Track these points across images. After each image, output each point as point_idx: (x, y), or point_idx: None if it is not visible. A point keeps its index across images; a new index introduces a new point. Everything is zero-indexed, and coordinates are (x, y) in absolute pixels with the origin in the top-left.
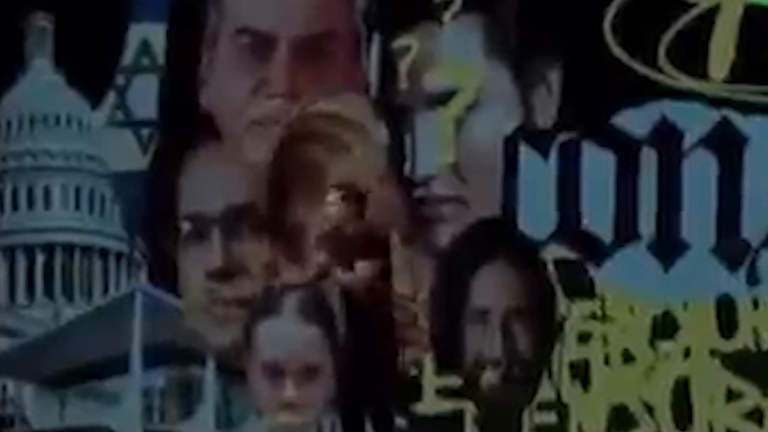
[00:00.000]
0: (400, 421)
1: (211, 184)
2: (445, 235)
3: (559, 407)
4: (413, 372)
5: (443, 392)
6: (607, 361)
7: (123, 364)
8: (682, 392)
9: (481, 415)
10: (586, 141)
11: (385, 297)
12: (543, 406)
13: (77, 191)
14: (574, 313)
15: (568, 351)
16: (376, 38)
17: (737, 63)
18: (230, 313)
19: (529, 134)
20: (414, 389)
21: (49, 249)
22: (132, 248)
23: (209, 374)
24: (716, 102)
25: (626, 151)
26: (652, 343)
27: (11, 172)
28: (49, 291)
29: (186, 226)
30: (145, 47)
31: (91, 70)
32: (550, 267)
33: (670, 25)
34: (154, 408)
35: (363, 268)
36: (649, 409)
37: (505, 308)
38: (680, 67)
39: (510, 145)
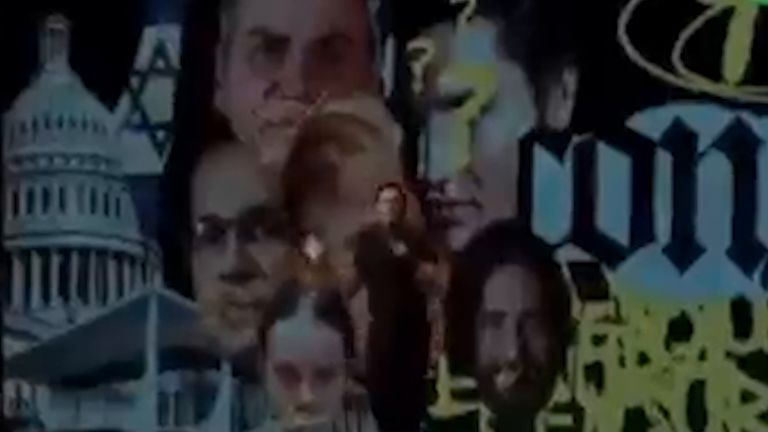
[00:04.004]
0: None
1: (226, 186)
2: (459, 238)
3: (574, 410)
4: (429, 374)
5: (458, 394)
6: (622, 364)
7: (138, 366)
8: (697, 394)
9: (495, 418)
10: (601, 143)
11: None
12: (558, 409)
13: (92, 194)
14: (588, 315)
15: (582, 353)
16: (391, 40)
17: (751, 65)
18: (245, 316)
19: (544, 136)
20: (429, 391)
21: (64, 252)
22: (147, 251)
23: (224, 377)
24: (730, 104)
25: (641, 153)
26: (667, 346)
27: (26, 175)
28: (64, 294)
29: (201, 228)
30: (160, 50)
31: (107, 73)
32: (565, 269)
33: (684, 28)
34: (169, 411)
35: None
36: (665, 412)
37: (519, 311)
38: (694, 69)
39: (525, 147)
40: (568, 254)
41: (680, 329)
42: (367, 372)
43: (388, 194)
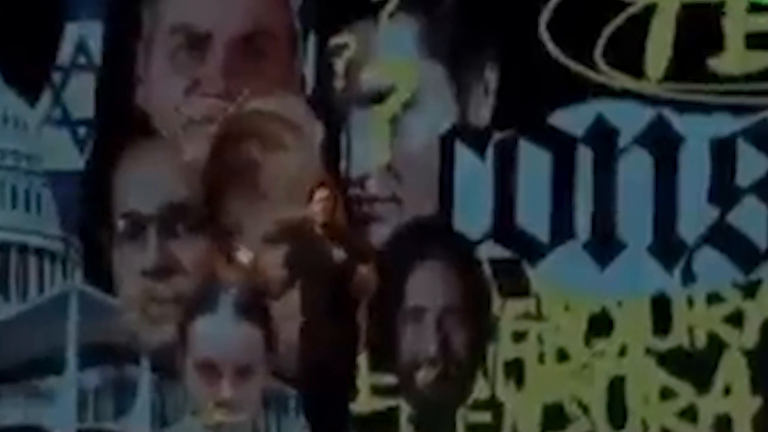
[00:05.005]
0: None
1: (147, 183)
2: (379, 235)
3: (494, 406)
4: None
5: (378, 390)
6: (541, 360)
7: (58, 363)
8: (616, 391)
9: (415, 414)
10: (522, 139)
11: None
12: (478, 405)
13: (13, 190)
14: (509, 312)
15: (502, 350)
16: (312, 37)
17: (673, 62)
18: (166, 312)
19: (465, 133)
20: (350, 387)
21: None
22: (68, 247)
23: (144, 373)
24: (652, 101)
25: (562, 149)
26: (587, 342)
27: None
28: None
29: (121, 224)
30: (82, 46)
31: (28, 69)
32: (486, 266)
33: (606, 25)
34: (89, 407)
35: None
36: (584, 408)
37: (440, 307)
38: (616, 66)
39: (446, 143)
40: (488, 251)
41: (600, 325)
42: (298, 373)
43: (321, 194)
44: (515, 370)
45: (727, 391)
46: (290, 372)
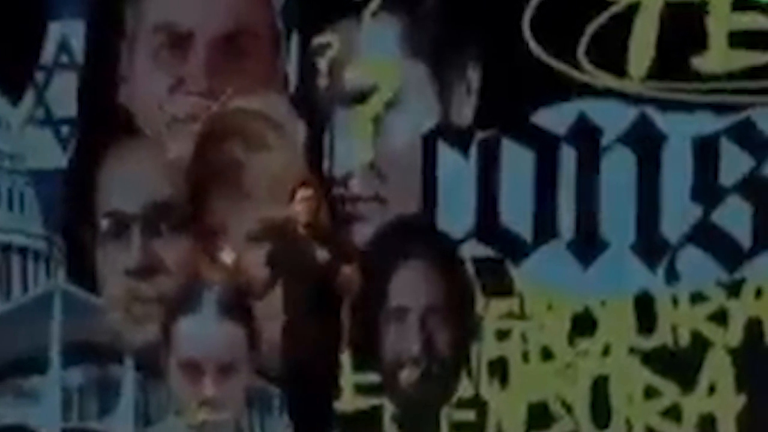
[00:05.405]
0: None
1: (130, 182)
2: (363, 234)
3: (478, 405)
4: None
5: (362, 389)
6: (525, 359)
7: (42, 362)
8: (600, 390)
9: (399, 413)
10: (505, 139)
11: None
12: (462, 404)
13: None
14: (492, 311)
15: (486, 349)
16: (296, 36)
17: (656, 60)
18: (149, 311)
19: (448, 132)
20: (333, 386)
21: None
22: (51, 246)
23: (128, 372)
24: (635, 99)
25: (545, 148)
26: (570, 341)
27: None
28: None
29: (105, 223)
30: (64, 45)
31: (11, 68)
32: (469, 265)
33: (589, 23)
34: (73, 406)
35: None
36: (568, 407)
37: (423, 306)
38: (599, 65)
39: (429, 142)
40: (472, 250)
41: (584, 325)
42: (282, 372)
43: (304, 193)
44: (499, 369)
45: (711, 389)
46: (274, 371)
